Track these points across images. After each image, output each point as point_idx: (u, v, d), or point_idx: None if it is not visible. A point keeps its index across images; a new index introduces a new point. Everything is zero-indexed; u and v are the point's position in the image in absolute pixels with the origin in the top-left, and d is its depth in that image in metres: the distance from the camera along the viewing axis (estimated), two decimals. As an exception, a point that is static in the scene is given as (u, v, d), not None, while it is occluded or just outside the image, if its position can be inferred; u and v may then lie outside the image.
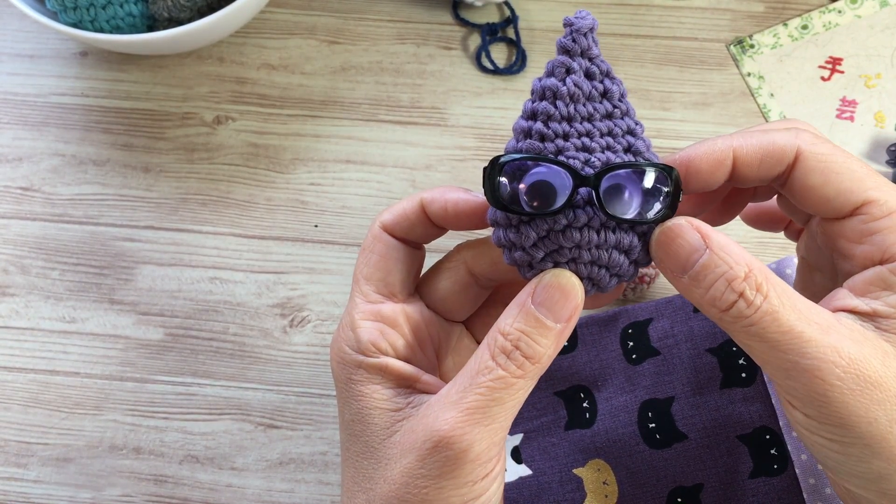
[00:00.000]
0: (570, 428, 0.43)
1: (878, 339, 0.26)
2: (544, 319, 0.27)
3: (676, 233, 0.27)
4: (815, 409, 0.26)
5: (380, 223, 0.31)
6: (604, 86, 0.28)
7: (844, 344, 0.25)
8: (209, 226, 0.51)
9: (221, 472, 0.46)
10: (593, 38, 0.28)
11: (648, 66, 0.54)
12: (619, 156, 0.28)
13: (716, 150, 0.28)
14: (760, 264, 0.26)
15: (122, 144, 0.53)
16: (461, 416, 0.26)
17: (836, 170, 0.27)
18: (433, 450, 0.26)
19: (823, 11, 0.54)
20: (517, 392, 0.27)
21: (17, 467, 0.46)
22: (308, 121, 0.53)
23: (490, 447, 0.27)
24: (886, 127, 0.51)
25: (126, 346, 0.48)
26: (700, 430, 0.41)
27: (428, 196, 0.31)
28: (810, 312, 0.26)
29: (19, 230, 0.51)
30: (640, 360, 0.43)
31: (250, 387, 0.47)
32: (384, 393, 0.29)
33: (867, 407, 0.25)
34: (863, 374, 0.25)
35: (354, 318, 0.30)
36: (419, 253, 0.32)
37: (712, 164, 0.28)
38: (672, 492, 0.40)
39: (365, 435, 0.29)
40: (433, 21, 0.56)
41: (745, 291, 0.25)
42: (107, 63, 0.55)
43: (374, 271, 0.31)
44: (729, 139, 0.28)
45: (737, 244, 0.27)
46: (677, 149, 0.52)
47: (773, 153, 0.28)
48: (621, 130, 0.28)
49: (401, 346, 0.30)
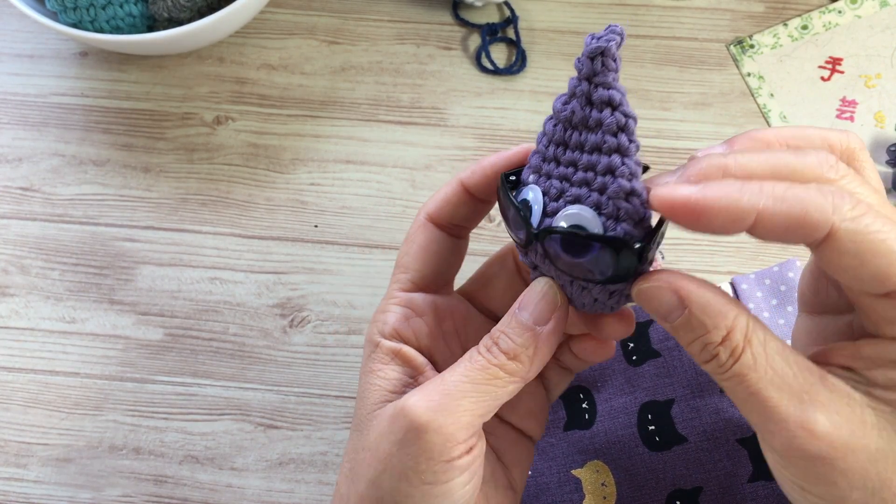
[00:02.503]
0: (569, 429, 0.43)
1: (863, 406, 0.25)
2: (521, 317, 0.28)
3: (654, 294, 0.26)
4: (788, 470, 0.26)
5: (425, 213, 0.32)
6: (601, 116, 0.26)
7: (812, 414, 0.24)
8: (209, 226, 0.51)
9: (221, 473, 0.46)
10: (604, 63, 0.25)
11: (648, 66, 0.54)
12: (592, 194, 0.26)
13: (738, 207, 0.23)
14: (745, 321, 0.25)
15: (122, 144, 0.53)
16: (431, 394, 0.28)
17: (874, 250, 0.23)
18: (402, 429, 0.28)
19: (823, 11, 0.54)
20: (490, 382, 0.28)
21: (17, 467, 0.46)
22: (308, 121, 0.53)
23: (456, 429, 0.27)
24: (886, 127, 0.51)
25: (126, 346, 0.48)
26: (700, 432, 0.41)
27: (465, 174, 0.32)
28: (787, 375, 0.24)
29: (19, 230, 0.51)
30: (641, 361, 0.43)
31: (250, 387, 0.47)
32: (388, 373, 0.31)
33: (826, 475, 0.24)
34: (826, 445, 0.24)
35: (387, 303, 0.32)
36: (461, 245, 0.33)
37: (728, 221, 0.24)
38: (671, 494, 0.40)
39: (361, 408, 0.31)
40: (433, 21, 0.55)
41: (720, 354, 0.25)
42: (107, 63, 0.55)
43: (411, 261, 0.32)
44: (756, 196, 0.23)
45: (722, 298, 0.25)
46: (677, 149, 0.53)
47: (802, 226, 0.23)
48: (603, 167, 0.26)
49: (424, 334, 0.32)
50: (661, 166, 0.51)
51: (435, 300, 0.33)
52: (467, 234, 0.34)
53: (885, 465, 0.24)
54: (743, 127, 0.52)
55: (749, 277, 0.46)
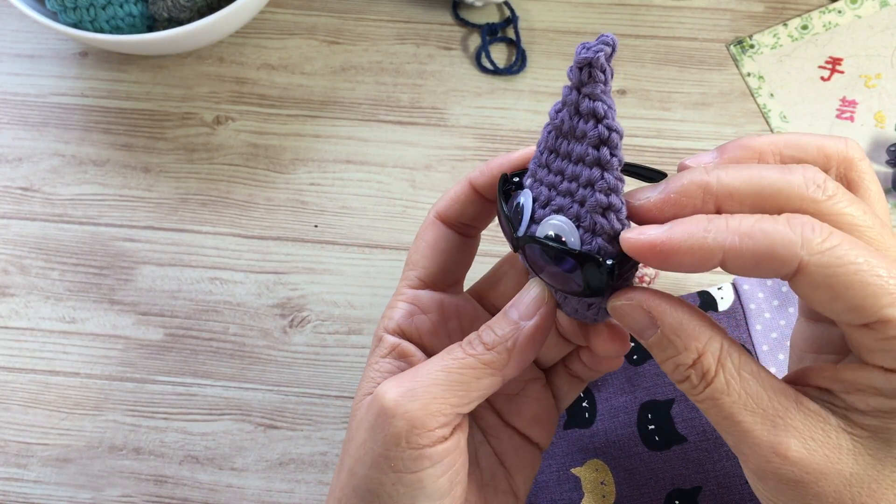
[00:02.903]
0: (569, 427, 0.43)
1: (838, 430, 0.24)
2: (509, 313, 0.29)
3: (626, 311, 0.26)
4: (765, 489, 0.26)
5: (434, 212, 0.33)
6: (585, 128, 0.26)
7: (786, 439, 0.24)
8: (209, 226, 0.51)
9: (221, 473, 0.46)
10: (591, 74, 0.25)
11: (648, 66, 0.54)
12: (573, 205, 0.26)
13: (704, 247, 0.24)
14: (718, 344, 0.25)
15: (122, 144, 0.53)
16: (403, 381, 0.28)
17: (846, 283, 0.23)
18: (371, 402, 0.29)
19: (823, 11, 0.54)
20: (464, 373, 0.28)
21: (17, 467, 0.46)
22: (308, 121, 0.53)
23: (424, 415, 0.27)
24: (886, 127, 0.51)
25: (126, 346, 0.48)
26: (699, 432, 0.41)
27: (475, 173, 0.32)
28: (761, 399, 0.24)
29: (19, 230, 0.51)
30: (641, 360, 0.43)
31: (250, 387, 0.47)
32: (383, 365, 0.31)
33: (800, 497, 0.24)
34: (799, 470, 0.24)
35: (395, 299, 0.33)
36: (470, 244, 0.34)
37: (696, 260, 0.24)
38: (670, 494, 0.40)
39: (355, 399, 0.31)
40: (433, 21, 0.56)
41: (691, 377, 0.25)
42: (107, 63, 0.55)
43: (420, 258, 0.33)
44: (722, 234, 0.24)
45: (696, 319, 0.25)
46: (677, 149, 0.53)
47: (770, 261, 0.23)
48: (584, 179, 0.26)
49: (426, 331, 0.32)
50: (660, 167, 0.51)
51: (442, 298, 0.33)
52: (477, 234, 0.34)
53: (860, 489, 0.24)
54: (743, 127, 0.52)
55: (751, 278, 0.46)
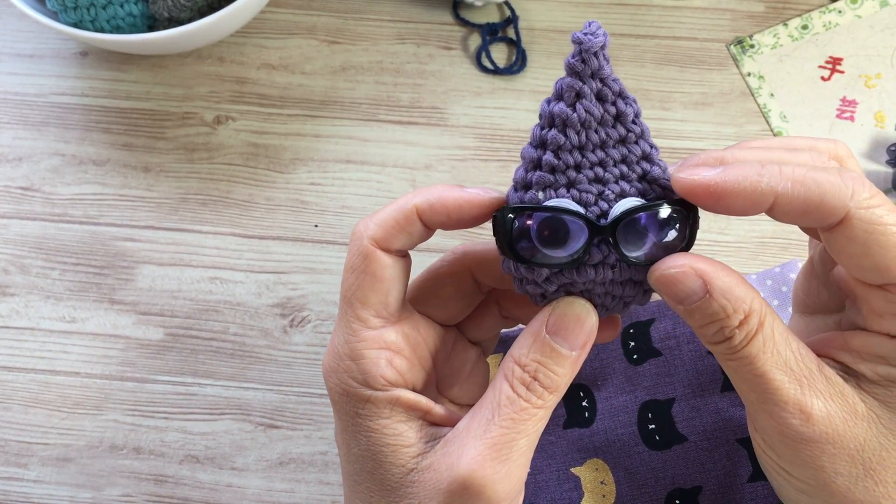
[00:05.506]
0: (569, 426, 0.43)
1: (854, 397, 0.26)
2: (559, 348, 0.27)
3: (678, 279, 0.26)
4: (776, 451, 0.26)
5: (369, 239, 0.28)
6: (617, 108, 0.26)
7: (810, 399, 0.25)
8: (209, 226, 0.51)
9: (221, 472, 0.46)
10: (604, 56, 0.25)
11: (648, 66, 0.54)
12: (633, 185, 0.26)
13: (756, 189, 0.24)
14: (759, 305, 0.25)
15: (122, 144, 0.53)
16: (487, 452, 0.26)
17: (881, 242, 0.24)
18: (461, 491, 0.26)
19: (823, 11, 0.54)
20: (538, 423, 0.27)
21: (17, 467, 0.46)
22: (308, 121, 0.53)
23: (516, 484, 0.27)
24: (886, 127, 0.51)
25: (126, 346, 0.48)
26: (700, 432, 0.41)
27: (422, 202, 0.28)
28: (790, 360, 0.25)
29: (19, 230, 0.51)
30: (642, 360, 0.43)
31: (250, 387, 0.47)
32: (396, 428, 0.28)
33: (813, 459, 0.25)
34: (819, 430, 0.25)
35: (356, 347, 0.28)
36: (408, 262, 0.30)
37: (747, 203, 0.25)
38: (670, 493, 0.40)
39: (379, 472, 0.28)
40: (433, 21, 0.56)
41: (735, 335, 0.25)
42: (107, 63, 0.55)
43: (370, 294, 0.28)
44: (775, 179, 0.24)
45: (743, 283, 0.25)
46: (677, 149, 0.53)
47: (819, 209, 0.24)
48: (636, 156, 0.26)
49: (406, 370, 0.29)
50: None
51: (404, 330, 0.29)
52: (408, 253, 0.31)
53: (870, 455, 0.25)
54: (743, 127, 0.52)
55: (751, 278, 0.46)
